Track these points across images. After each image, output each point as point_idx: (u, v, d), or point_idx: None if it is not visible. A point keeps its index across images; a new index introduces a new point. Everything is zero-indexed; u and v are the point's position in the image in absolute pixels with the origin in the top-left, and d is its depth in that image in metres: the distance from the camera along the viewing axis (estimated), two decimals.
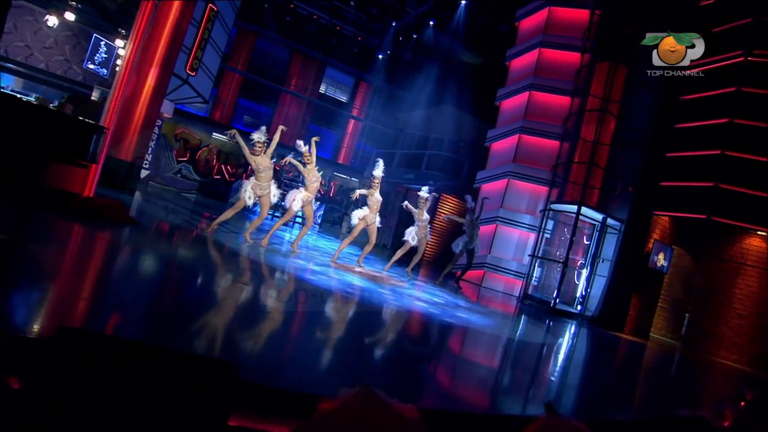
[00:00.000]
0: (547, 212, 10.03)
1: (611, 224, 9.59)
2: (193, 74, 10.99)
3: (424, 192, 7.68)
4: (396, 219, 17.08)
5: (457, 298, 7.30)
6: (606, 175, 10.22)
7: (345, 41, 16.93)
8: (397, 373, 2.68)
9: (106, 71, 8.35)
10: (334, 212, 17.98)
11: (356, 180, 17.52)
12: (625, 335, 8.73)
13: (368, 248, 7.46)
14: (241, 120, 18.52)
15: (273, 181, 6.44)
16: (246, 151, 6.08)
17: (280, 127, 6.41)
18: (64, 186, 5.08)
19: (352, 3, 14.08)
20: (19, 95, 7.92)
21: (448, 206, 15.43)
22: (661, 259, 9.20)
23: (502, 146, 11.80)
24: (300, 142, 6.44)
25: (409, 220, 8.33)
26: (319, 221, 16.92)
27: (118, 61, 8.51)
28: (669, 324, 10.68)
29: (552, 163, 10.37)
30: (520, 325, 6.70)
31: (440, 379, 2.87)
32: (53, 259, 3.07)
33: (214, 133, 14.62)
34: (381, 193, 7.21)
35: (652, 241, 8.96)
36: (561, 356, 5.12)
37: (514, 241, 11.07)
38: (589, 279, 9.46)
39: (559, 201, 9.94)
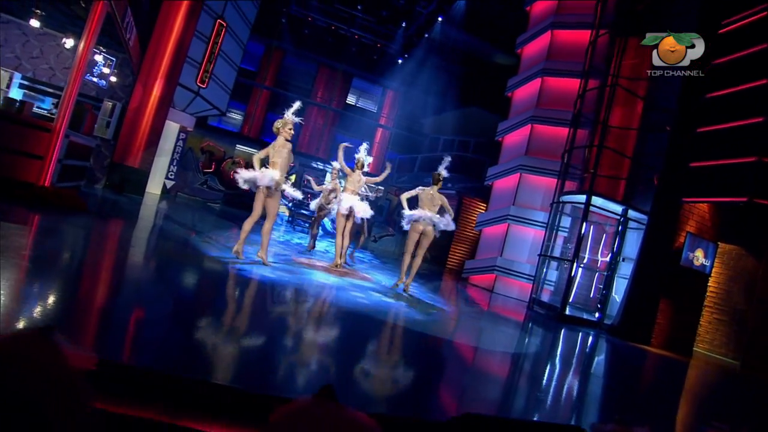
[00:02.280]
0: (559, 205, 8.87)
1: (636, 217, 8.20)
2: (204, 86, 11.61)
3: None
4: None
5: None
6: (633, 165, 8.88)
7: (365, 49, 17.03)
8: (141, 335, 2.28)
9: (105, 82, 9.06)
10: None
11: (382, 188, 17.23)
12: (653, 348, 7.26)
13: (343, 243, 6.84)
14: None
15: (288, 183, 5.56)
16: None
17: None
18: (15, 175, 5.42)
19: (359, 7, 14.10)
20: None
21: (474, 211, 14.48)
22: (699, 257, 7.62)
23: (514, 139, 10.83)
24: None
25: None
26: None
27: (104, 70, 9.17)
28: (729, 340, 8.79)
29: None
30: (472, 326, 5.81)
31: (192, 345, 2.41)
32: None
33: (238, 146, 15.30)
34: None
35: (684, 234, 7.46)
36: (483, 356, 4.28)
37: (528, 242, 9.95)
38: (607, 282, 8.11)
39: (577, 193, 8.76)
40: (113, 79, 9.29)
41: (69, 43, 9.11)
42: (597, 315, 8.03)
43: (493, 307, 7.90)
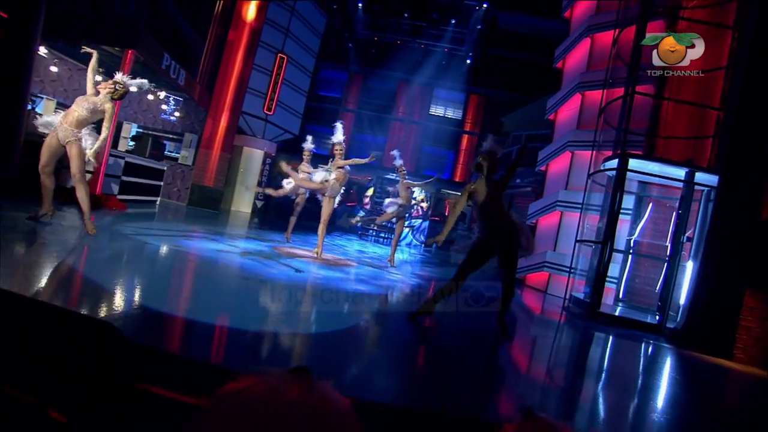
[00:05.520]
0: (611, 179, 7.05)
1: (710, 183, 5.98)
2: (271, 113, 13.24)
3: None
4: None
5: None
6: (726, 119, 6.62)
7: (433, 57, 16.85)
8: None
9: (174, 119, 11.18)
10: (438, 229, 17.17)
11: (458, 192, 16.42)
12: (737, 365, 5.01)
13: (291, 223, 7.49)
14: (366, 155, 20.43)
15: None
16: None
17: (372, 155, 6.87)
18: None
19: (405, 15, 14.12)
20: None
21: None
22: None
23: (565, 114, 9.18)
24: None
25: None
26: (422, 238, 16.55)
27: (163, 107, 11.20)
28: None
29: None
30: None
31: None
32: None
33: (319, 165, 16.71)
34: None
35: None
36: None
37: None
38: (668, 272, 6.01)
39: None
40: (178, 114, 11.47)
41: (161, 95, 11.64)
42: (657, 317, 5.98)
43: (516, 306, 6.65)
